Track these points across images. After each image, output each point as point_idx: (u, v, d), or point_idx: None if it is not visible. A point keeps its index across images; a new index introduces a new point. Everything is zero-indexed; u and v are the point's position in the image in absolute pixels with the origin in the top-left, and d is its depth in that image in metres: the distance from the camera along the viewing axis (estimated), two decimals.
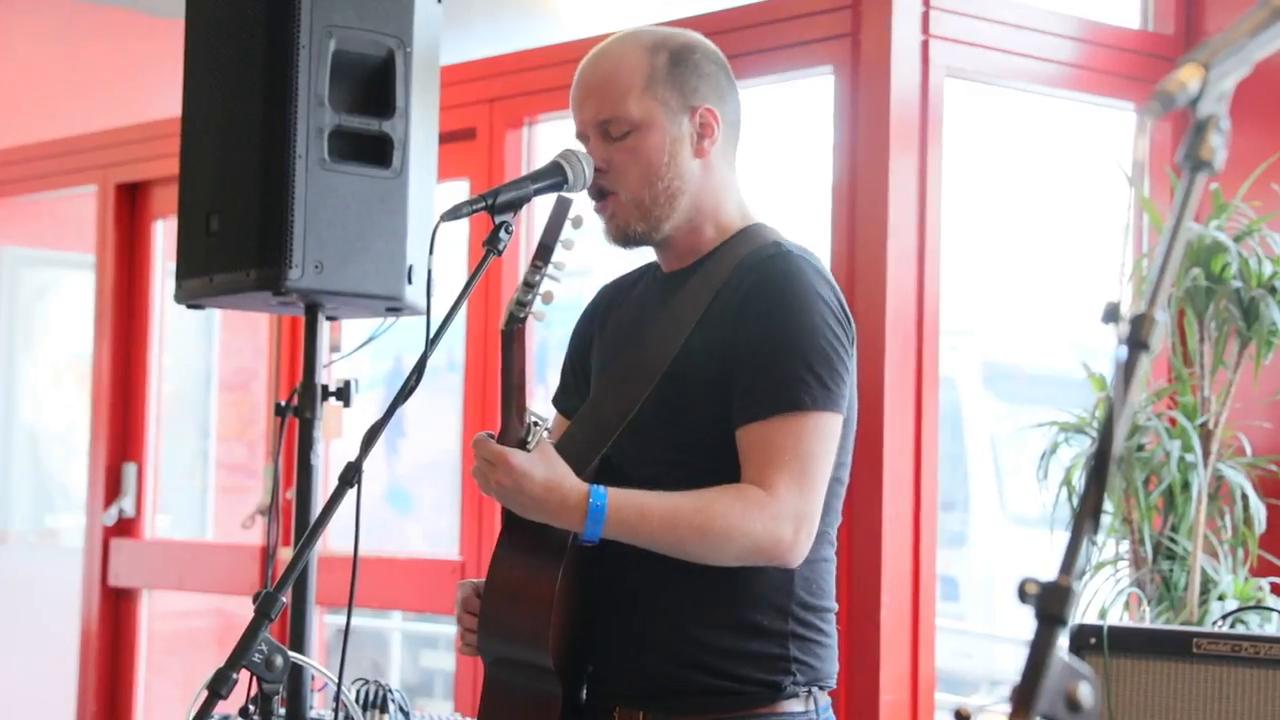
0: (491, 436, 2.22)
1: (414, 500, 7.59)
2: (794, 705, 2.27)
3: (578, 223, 2.20)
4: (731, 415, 2.25)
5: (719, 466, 2.25)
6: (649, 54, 2.36)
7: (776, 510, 2.18)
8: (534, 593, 2.22)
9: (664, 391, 2.29)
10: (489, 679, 2.31)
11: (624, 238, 2.37)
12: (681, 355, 2.29)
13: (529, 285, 2.18)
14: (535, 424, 2.21)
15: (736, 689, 2.26)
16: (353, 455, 2.23)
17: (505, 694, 2.28)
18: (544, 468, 2.19)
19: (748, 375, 2.24)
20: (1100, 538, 3.60)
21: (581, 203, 2.27)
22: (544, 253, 2.17)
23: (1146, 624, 3.51)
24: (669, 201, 2.34)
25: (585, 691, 2.35)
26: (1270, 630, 3.32)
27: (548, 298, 2.19)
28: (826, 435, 2.25)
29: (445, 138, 3.23)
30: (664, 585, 2.25)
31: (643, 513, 2.19)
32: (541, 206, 2.83)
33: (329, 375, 3.12)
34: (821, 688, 2.31)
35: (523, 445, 2.19)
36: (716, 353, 2.27)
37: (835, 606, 2.36)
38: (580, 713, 2.34)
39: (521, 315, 2.19)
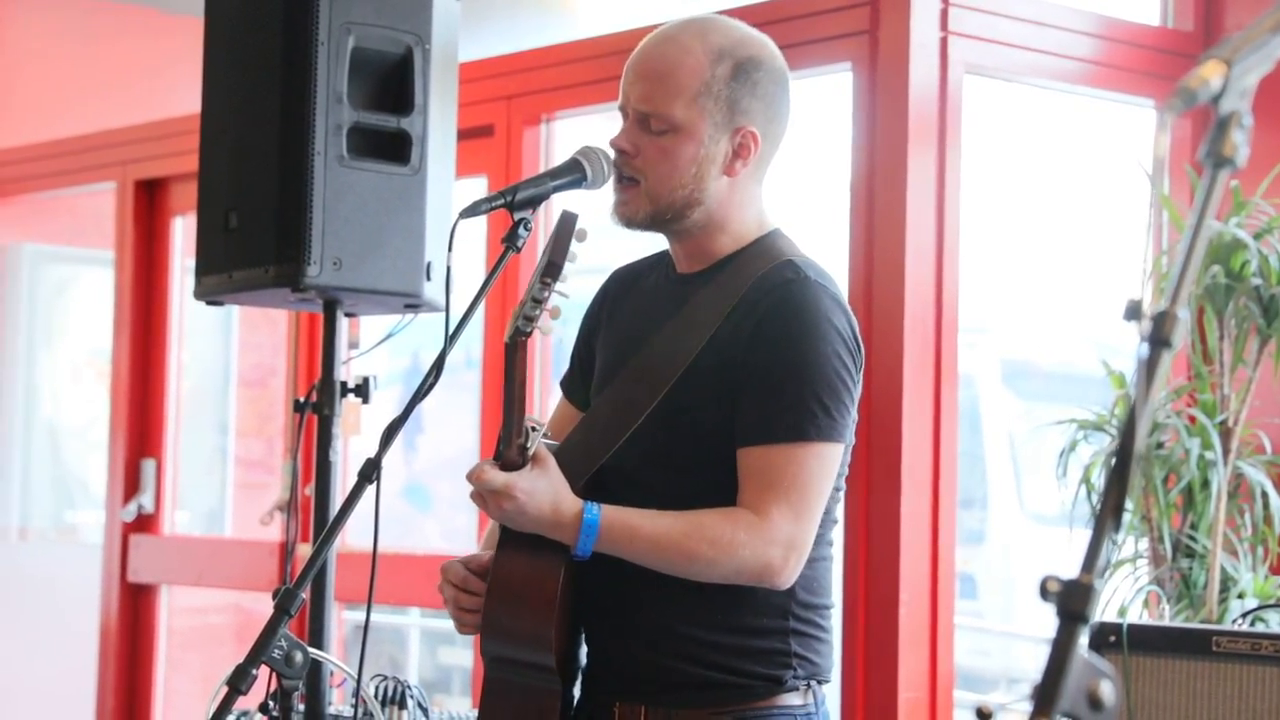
0: (498, 456, 2.23)
1: (432, 497, 7.60)
2: (793, 699, 2.30)
3: (582, 236, 2.20)
4: (734, 432, 2.26)
5: (719, 477, 2.27)
6: (712, 61, 2.31)
7: (769, 535, 2.21)
8: (537, 592, 2.24)
9: (670, 403, 2.30)
10: (488, 677, 2.33)
11: (628, 222, 2.36)
12: (691, 370, 2.29)
13: (537, 301, 2.19)
14: (533, 429, 2.23)
15: (737, 682, 2.28)
16: (372, 451, 2.24)
17: (505, 692, 2.30)
18: (544, 486, 2.23)
19: (755, 398, 2.26)
20: (1119, 536, 3.59)
21: (583, 212, 2.26)
22: (553, 271, 2.17)
23: (1166, 622, 3.50)
24: (684, 208, 2.33)
25: (581, 688, 2.38)
26: None
27: (554, 313, 2.20)
28: (827, 465, 2.27)
29: (463, 134, 3.23)
30: (665, 583, 2.27)
31: (632, 534, 2.23)
32: (559, 205, 2.83)
33: (348, 372, 3.13)
34: (820, 682, 2.34)
35: (522, 451, 2.22)
36: (726, 372, 2.28)
37: (833, 603, 2.39)
38: (575, 709, 2.35)
39: (528, 330, 2.21)
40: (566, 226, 2.19)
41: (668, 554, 2.23)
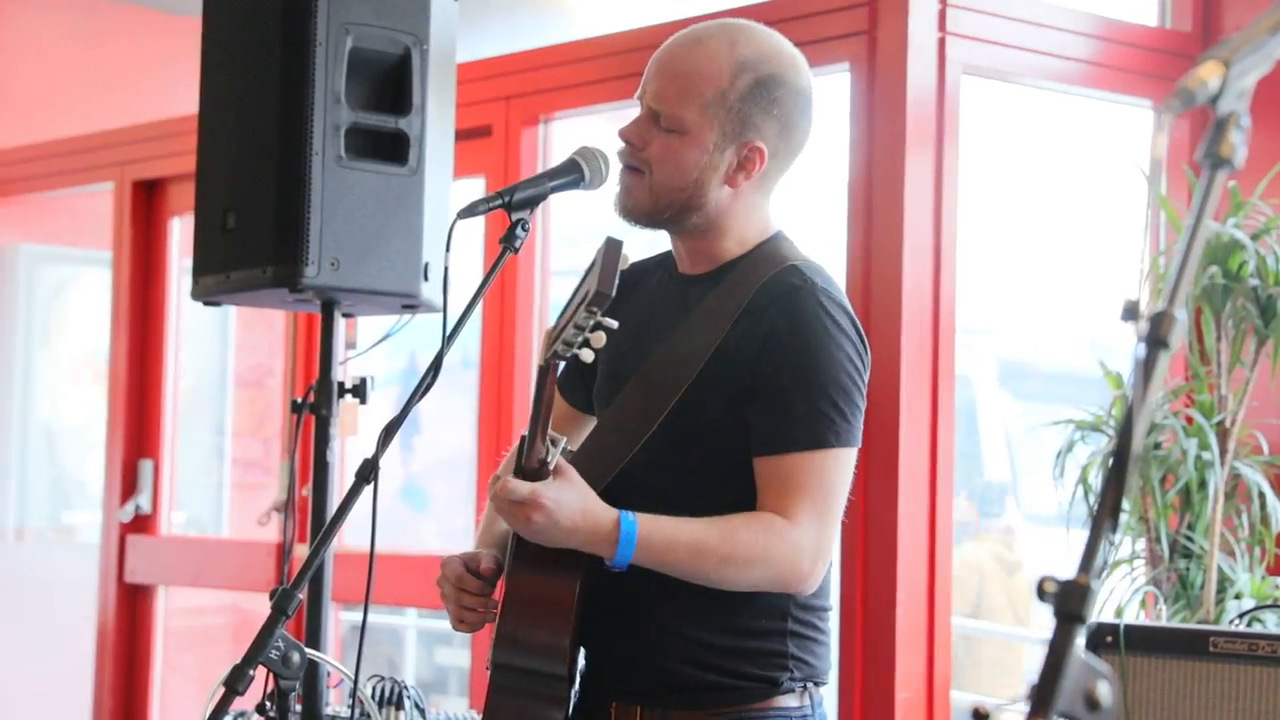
0: (518, 471, 2.22)
1: (429, 497, 7.60)
2: (789, 700, 2.30)
3: (624, 262, 2.19)
4: (747, 437, 2.26)
5: (728, 480, 2.28)
6: (734, 71, 2.30)
7: (798, 542, 2.22)
8: (554, 607, 2.24)
9: (681, 412, 2.30)
10: (493, 682, 2.32)
11: (628, 213, 2.36)
12: (701, 375, 2.29)
13: (579, 328, 2.15)
14: (553, 443, 2.22)
15: (734, 684, 2.28)
16: (369, 452, 2.24)
17: (509, 696, 2.29)
18: (570, 495, 2.19)
19: (771, 407, 2.25)
20: (1117, 536, 3.59)
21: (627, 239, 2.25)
22: (600, 300, 2.13)
23: (1163, 623, 3.50)
24: (682, 210, 2.33)
25: (579, 687, 2.37)
26: None
27: (596, 340, 2.17)
28: (845, 470, 2.28)
29: (461, 135, 3.23)
30: (664, 585, 2.26)
31: (670, 542, 2.21)
32: (557, 205, 2.84)
33: (345, 372, 3.13)
34: (817, 684, 2.34)
35: (543, 464, 2.20)
36: (735, 376, 2.27)
37: (831, 605, 2.39)
38: (572, 709, 2.35)
39: (566, 355, 2.18)
40: (613, 254, 2.16)
41: (703, 561, 2.21)
